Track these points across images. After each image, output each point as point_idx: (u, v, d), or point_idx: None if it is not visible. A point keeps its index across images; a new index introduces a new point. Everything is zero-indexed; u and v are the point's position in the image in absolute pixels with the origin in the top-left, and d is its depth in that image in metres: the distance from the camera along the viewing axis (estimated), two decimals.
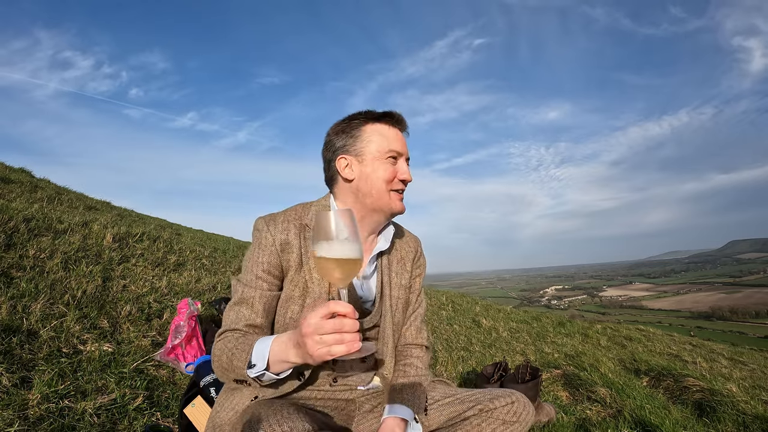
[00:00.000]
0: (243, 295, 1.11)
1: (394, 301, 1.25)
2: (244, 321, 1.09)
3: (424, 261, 1.39)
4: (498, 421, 1.10)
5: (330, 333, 0.83)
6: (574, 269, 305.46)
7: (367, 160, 1.17)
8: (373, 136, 1.18)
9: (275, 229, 1.14)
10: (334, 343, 0.83)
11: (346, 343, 0.82)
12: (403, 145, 1.21)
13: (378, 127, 1.19)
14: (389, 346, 1.22)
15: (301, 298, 1.13)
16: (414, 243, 1.37)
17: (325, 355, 0.83)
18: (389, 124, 1.20)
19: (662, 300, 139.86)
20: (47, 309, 2.18)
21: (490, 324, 6.14)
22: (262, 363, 0.95)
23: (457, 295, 9.63)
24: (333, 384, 1.17)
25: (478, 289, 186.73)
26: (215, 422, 1.07)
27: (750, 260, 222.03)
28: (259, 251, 1.13)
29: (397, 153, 1.18)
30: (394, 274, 1.28)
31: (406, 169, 1.20)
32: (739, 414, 2.78)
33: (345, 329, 0.83)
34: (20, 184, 5.45)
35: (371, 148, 1.17)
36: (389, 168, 1.17)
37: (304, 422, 0.89)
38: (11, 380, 1.62)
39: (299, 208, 1.21)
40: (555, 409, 2.70)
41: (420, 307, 1.34)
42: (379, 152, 1.17)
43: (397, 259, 1.30)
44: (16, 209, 3.29)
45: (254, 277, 1.12)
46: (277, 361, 0.95)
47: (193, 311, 2.38)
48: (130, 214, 7.46)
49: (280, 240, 1.13)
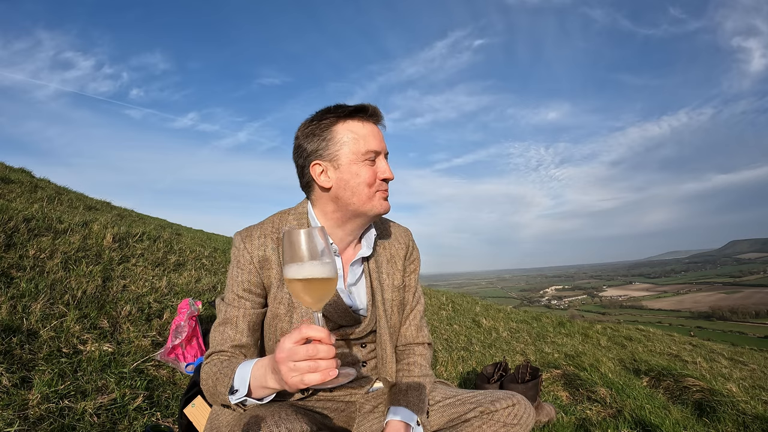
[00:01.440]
0: (226, 315, 1.09)
1: (388, 305, 1.20)
2: (229, 342, 1.07)
3: (418, 254, 1.31)
4: (499, 423, 1.09)
5: (303, 360, 0.77)
6: (574, 269, 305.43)
7: (344, 164, 1.07)
8: (347, 136, 1.07)
9: (251, 246, 1.10)
10: (307, 371, 0.76)
11: (321, 371, 0.76)
12: (380, 142, 1.10)
13: (351, 125, 1.08)
14: (388, 350, 1.19)
15: (287, 314, 1.10)
16: (404, 237, 1.28)
17: (298, 384, 0.78)
18: (362, 120, 1.09)
19: (662, 300, 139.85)
20: (47, 309, 2.18)
21: (490, 324, 6.14)
22: (244, 389, 0.91)
23: (457, 295, 9.63)
24: (333, 389, 1.16)
25: (478, 289, 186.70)
26: (214, 424, 1.07)
27: (750, 260, 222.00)
28: (238, 270, 1.10)
29: (374, 152, 1.08)
30: (385, 275, 1.21)
31: (385, 167, 1.11)
32: (739, 414, 2.78)
33: (319, 356, 0.76)
34: (20, 184, 5.45)
35: (346, 150, 1.07)
36: (368, 170, 1.08)
37: (303, 423, 0.89)
38: (11, 380, 1.62)
39: (276, 218, 1.16)
40: (555, 409, 2.70)
41: (418, 305, 1.29)
42: (355, 154, 1.07)
43: (387, 259, 1.23)
44: (16, 209, 3.29)
45: (236, 296, 1.09)
46: (257, 386, 0.90)
47: (194, 311, 2.38)
48: (130, 214, 7.46)
49: (258, 257, 1.09)
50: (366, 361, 1.21)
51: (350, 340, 1.18)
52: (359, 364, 1.20)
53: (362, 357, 1.20)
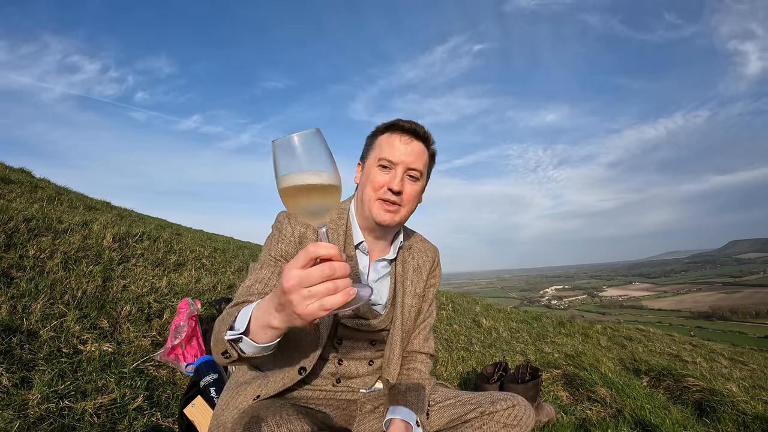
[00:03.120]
0: (259, 274, 1.11)
1: (406, 309, 1.26)
2: (255, 295, 1.05)
3: (440, 272, 1.39)
4: (499, 424, 1.11)
5: (319, 283, 0.67)
6: (574, 269, 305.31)
7: (367, 166, 1.20)
8: (378, 143, 1.19)
9: (296, 223, 1.17)
10: (326, 294, 0.67)
11: (342, 292, 0.67)
12: (402, 155, 1.15)
13: (384, 136, 1.19)
14: (396, 352, 1.23)
15: None
16: (432, 253, 1.37)
17: (317, 312, 0.68)
18: (393, 132, 1.18)
19: (662, 300, 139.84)
20: (47, 309, 2.18)
21: (490, 324, 6.14)
22: (242, 326, 0.83)
23: (457, 295, 9.63)
24: (336, 384, 1.18)
25: (478, 289, 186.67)
26: (219, 420, 1.07)
27: (750, 260, 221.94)
28: (280, 238, 1.16)
29: (388, 162, 1.15)
30: (409, 282, 1.28)
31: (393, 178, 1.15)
32: (739, 414, 2.78)
33: (336, 275, 0.67)
34: (20, 184, 5.45)
35: (372, 154, 1.20)
36: (379, 175, 1.16)
37: (303, 423, 0.89)
38: (11, 380, 1.62)
39: None
40: (555, 409, 2.70)
41: (430, 317, 1.36)
42: (373, 159, 1.18)
43: (414, 268, 1.31)
44: (16, 209, 3.29)
45: (272, 258, 1.13)
46: (259, 326, 0.81)
47: (193, 311, 2.38)
48: (130, 214, 7.46)
49: (299, 233, 1.16)
50: (373, 360, 1.24)
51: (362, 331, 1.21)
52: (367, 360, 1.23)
53: (370, 355, 1.23)
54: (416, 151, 1.17)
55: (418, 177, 1.18)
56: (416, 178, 1.18)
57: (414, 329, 1.32)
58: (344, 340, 1.19)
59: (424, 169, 1.20)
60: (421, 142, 1.18)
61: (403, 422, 1.09)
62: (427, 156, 1.20)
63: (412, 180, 1.17)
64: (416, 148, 1.17)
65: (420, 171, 1.17)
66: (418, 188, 1.19)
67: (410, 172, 1.16)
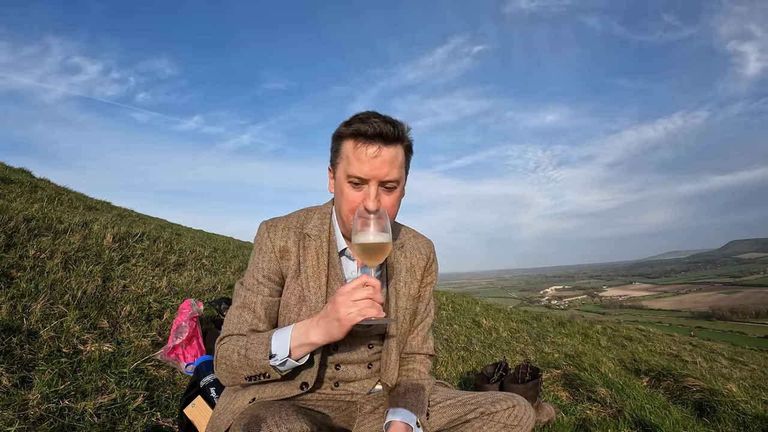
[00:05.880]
0: (245, 300, 1.11)
1: (401, 312, 1.22)
2: (247, 326, 1.08)
3: (436, 267, 1.32)
4: (499, 424, 1.10)
5: (364, 298, 0.92)
6: (574, 269, 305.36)
7: (338, 178, 1.08)
8: (345, 153, 1.05)
9: (275, 236, 1.14)
10: (366, 306, 0.91)
11: (377, 308, 0.92)
12: (373, 170, 1.01)
13: (350, 145, 1.04)
14: (392, 356, 1.20)
15: (297, 306, 1.12)
16: (426, 249, 1.30)
17: (355, 317, 0.91)
18: (358, 141, 1.02)
19: (662, 300, 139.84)
20: (47, 309, 2.18)
21: (490, 324, 6.14)
22: (284, 351, 0.99)
23: (457, 295, 9.63)
24: (334, 388, 1.17)
25: (478, 289, 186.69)
26: (215, 424, 1.07)
27: (750, 260, 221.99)
28: (260, 256, 1.14)
29: (358, 179, 1.03)
30: (402, 283, 1.23)
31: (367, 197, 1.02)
32: (739, 414, 2.78)
33: (376, 297, 0.93)
34: (20, 184, 5.45)
35: (341, 165, 1.07)
36: (352, 193, 1.04)
37: (303, 423, 0.89)
38: (11, 380, 1.62)
39: (302, 214, 1.20)
40: (555, 409, 2.70)
41: (428, 317, 1.31)
42: (342, 173, 1.06)
43: (407, 268, 1.25)
44: (16, 209, 3.29)
45: (255, 282, 1.12)
46: (298, 345, 0.99)
47: (195, 312, 2.38)
48: (130, 214, 7.45)
49: (279, 246, 1.13)
50: (371, 363, 1.22)
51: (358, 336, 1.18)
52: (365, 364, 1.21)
53: (368, 358, 1.21)
54: (388, 159, 1.02)
55: (395, 185, 1.06)
56: (393, 187, 1.06)
57: (411, 330, 1.28)
58: (340, 345, 1.15)
59: (401, 172, 1.07)
60: (392, 145, 1.03)
61: (403, 424, 1.08)
62: (402, 155, 1.07)
63: (388, 191, 1.06)
64: (387, 156, 1.02)
65: (396, 179, 1.05)
66: (397, 194, 1.09)
67: (385, 183, 1.05)
